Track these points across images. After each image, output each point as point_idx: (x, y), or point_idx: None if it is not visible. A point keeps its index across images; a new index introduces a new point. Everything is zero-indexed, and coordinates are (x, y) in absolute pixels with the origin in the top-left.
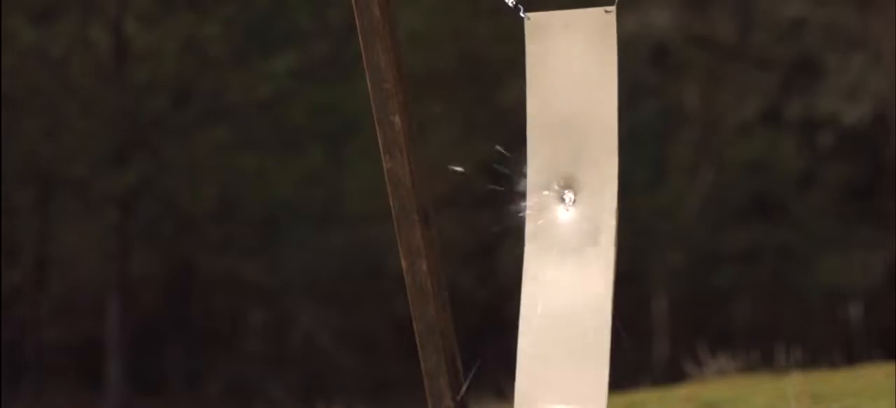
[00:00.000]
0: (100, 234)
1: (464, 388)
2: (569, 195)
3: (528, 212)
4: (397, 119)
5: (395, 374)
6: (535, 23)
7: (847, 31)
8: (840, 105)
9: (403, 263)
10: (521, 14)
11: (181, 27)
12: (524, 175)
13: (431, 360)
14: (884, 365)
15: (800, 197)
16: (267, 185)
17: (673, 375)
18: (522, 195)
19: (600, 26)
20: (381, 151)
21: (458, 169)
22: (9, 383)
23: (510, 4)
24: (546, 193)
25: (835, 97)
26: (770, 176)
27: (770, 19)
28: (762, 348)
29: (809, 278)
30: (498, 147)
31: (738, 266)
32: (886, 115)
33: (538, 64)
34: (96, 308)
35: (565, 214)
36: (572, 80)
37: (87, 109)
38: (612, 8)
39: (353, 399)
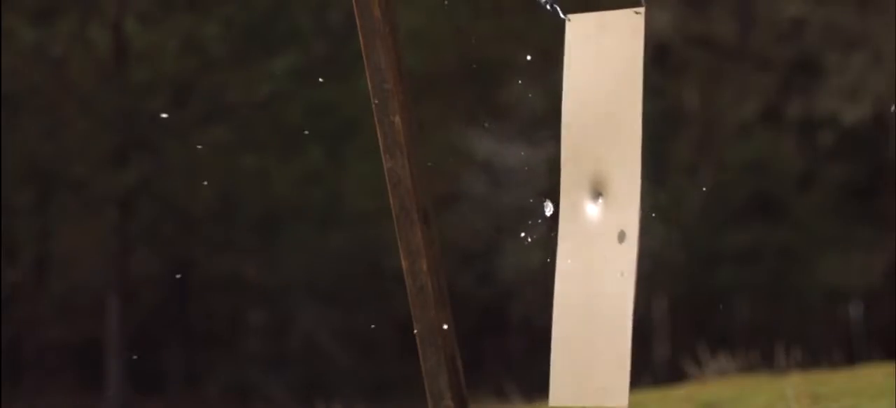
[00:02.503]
0: (100, 234)
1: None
2: (598, 195)
3: (561, 211)
4: (398, 119)
5: (395, 374)
6: (576, 24)
7: (847, 31)
8: (840, 105)
9: (404, 263)
10: (562, 15)
11: (181, 27)
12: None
13: (431, 360)
14: (884, 365)
15: (800, 197)
16: (267, 185)
17: (673, 375)
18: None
19: (630, 27)
20: (382, 150)
21: None
22: (9, 382)
23: (546, 7)
24: (578, 192)
25: (835, 97)
26: (770, 176)
27: (770, 19)
28: (762, 348)
29: (809, 278)
30: None
31: (738, 266)
32: (886, 115)
33: (576, 65)
34: (96, 308)
35: (595, 214)
36: (605, 80)
37: (87, 109)
38: (642, 10)
39: (353, 399)
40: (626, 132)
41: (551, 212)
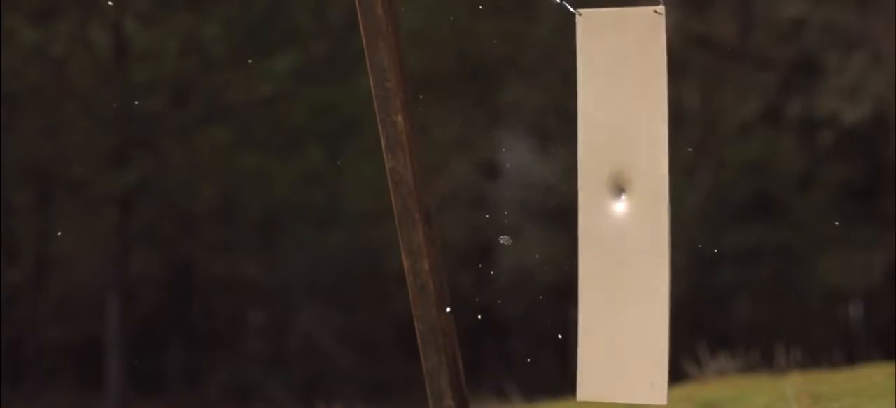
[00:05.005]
0: (100, 234)
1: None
2: (621, 192)
3: (580, 207)
4: (400, 118)
5: (395, 374)
6: (587, 20)
7: (847, 31)
8: (840, 105)
9: (405, 263)
10: (572, 10)
11: (181, 27)
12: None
13: (432, 360)
14: (884, 365)
15: (800, 197)
16: (267, 185)
17: (673, 374)
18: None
19: (650, 26)
20: (384, 150)
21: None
22: (9, 382)
23: (557, 1)
24: (598, 189)
25: (835, 97)
26: (770, 176)
27: (770, 19)
28: (762, 348)
29: (809, 278)
30: None
31: (738, 266)
32: (886, 115)
33: (589, 61)
34: (96, 308)
35: (618, 210)
36: (623, 78)
37: (87, 109)
38: (661, 8)
39: (353, 399)
40: (651, 130)
41: (509, 242)
